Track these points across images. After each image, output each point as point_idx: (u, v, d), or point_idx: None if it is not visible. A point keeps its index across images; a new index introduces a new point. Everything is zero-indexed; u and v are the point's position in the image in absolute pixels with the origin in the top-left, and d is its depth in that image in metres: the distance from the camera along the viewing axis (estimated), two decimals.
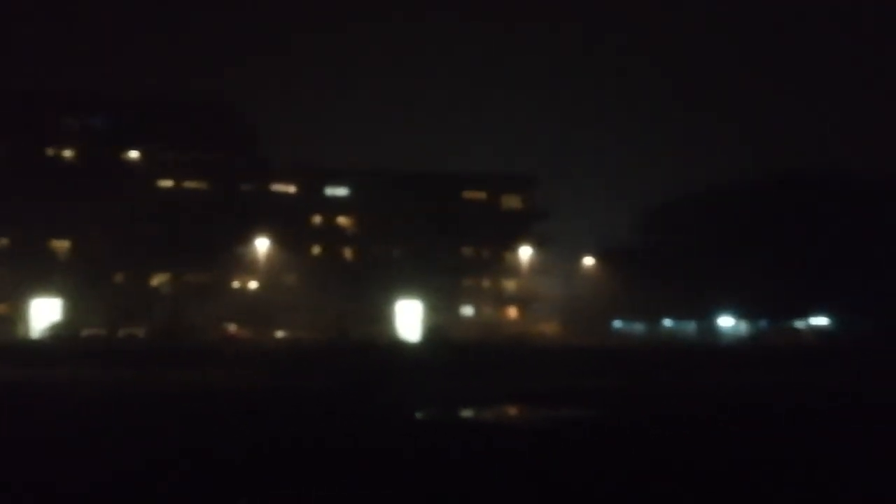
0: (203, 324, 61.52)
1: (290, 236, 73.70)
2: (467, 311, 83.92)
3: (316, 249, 79.93)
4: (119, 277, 72.63)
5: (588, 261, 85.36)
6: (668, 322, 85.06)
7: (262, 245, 72.97)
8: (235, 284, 75.88)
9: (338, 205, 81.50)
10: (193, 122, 75.13)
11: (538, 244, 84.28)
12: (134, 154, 74.82)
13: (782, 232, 71.36)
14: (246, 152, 77.74)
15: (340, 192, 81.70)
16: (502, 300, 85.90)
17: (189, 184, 76.33)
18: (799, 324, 74.96)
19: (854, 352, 48.23)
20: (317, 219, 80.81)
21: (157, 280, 75.26)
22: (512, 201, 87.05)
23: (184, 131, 74.57)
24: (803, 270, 67.98)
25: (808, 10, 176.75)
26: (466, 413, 22.11)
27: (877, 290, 66.56)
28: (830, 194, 72.04)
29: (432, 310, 70.21)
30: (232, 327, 65.64)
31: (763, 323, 77.49)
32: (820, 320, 74.03)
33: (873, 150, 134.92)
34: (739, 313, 78.04)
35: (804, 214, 71.20)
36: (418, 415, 21.23)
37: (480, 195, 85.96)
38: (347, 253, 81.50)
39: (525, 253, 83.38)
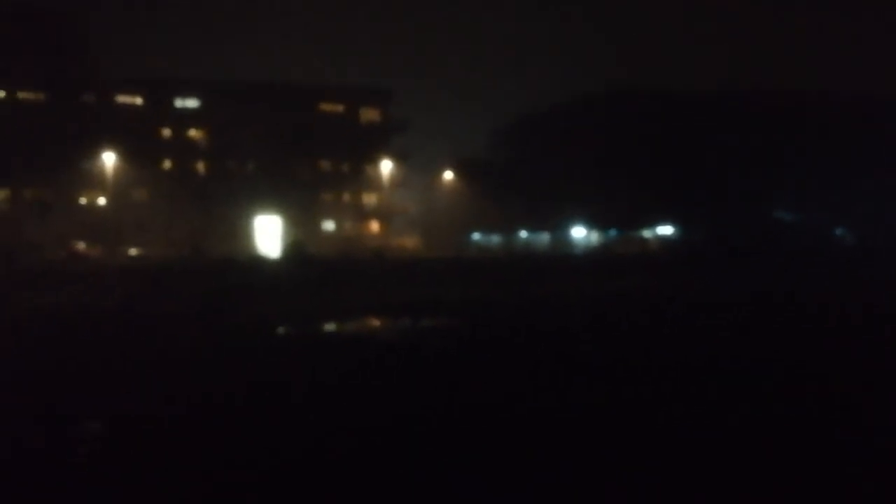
0: (47, 242, 58.47)
1: (138, 150, 70.41)
2: (328, 225, 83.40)
3: (167, 164, 76.84)
4: None
5: (447, 175, 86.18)
6: (523, 234, 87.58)
7: (109, 159, 69.44)
8: (83, 201, 72.20)
9: (188, 117, 78.23)
10: (22, 30, 69.60)
11: (398, 158, 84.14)
12: None
13: (631, 146, 74.12)
14: (83, 62, 73.00)
15: (191, 103, 78.34)
16: (363, 214, 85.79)
17: (22, 94, 71.20)
18: (646, 233, 78.94)
19: (689, 258, 51.65)
20: (166, 132, 77.42)
21: None
22: (370, 114, 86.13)
23: (10, 38, 68.99)
24: (650, 182, 71.12)
25: None
26: (328, 327, 22.25)
27: (713, 201, 70.84)
28: (676, 109, 75.10)
29: (292, 225, 69.35)
30: (80, 245, 62.78)
31: (613, 232, 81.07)
32: (665, 229, 78.15)
33: (720, 66, 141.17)
34: (590, 224, 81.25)
35: (651, 128, 74.04)
36: (280, 330, 21.20)
37: (338, 108, 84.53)
38: (200, 167, 78.81)
39: (385, 167, 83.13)
